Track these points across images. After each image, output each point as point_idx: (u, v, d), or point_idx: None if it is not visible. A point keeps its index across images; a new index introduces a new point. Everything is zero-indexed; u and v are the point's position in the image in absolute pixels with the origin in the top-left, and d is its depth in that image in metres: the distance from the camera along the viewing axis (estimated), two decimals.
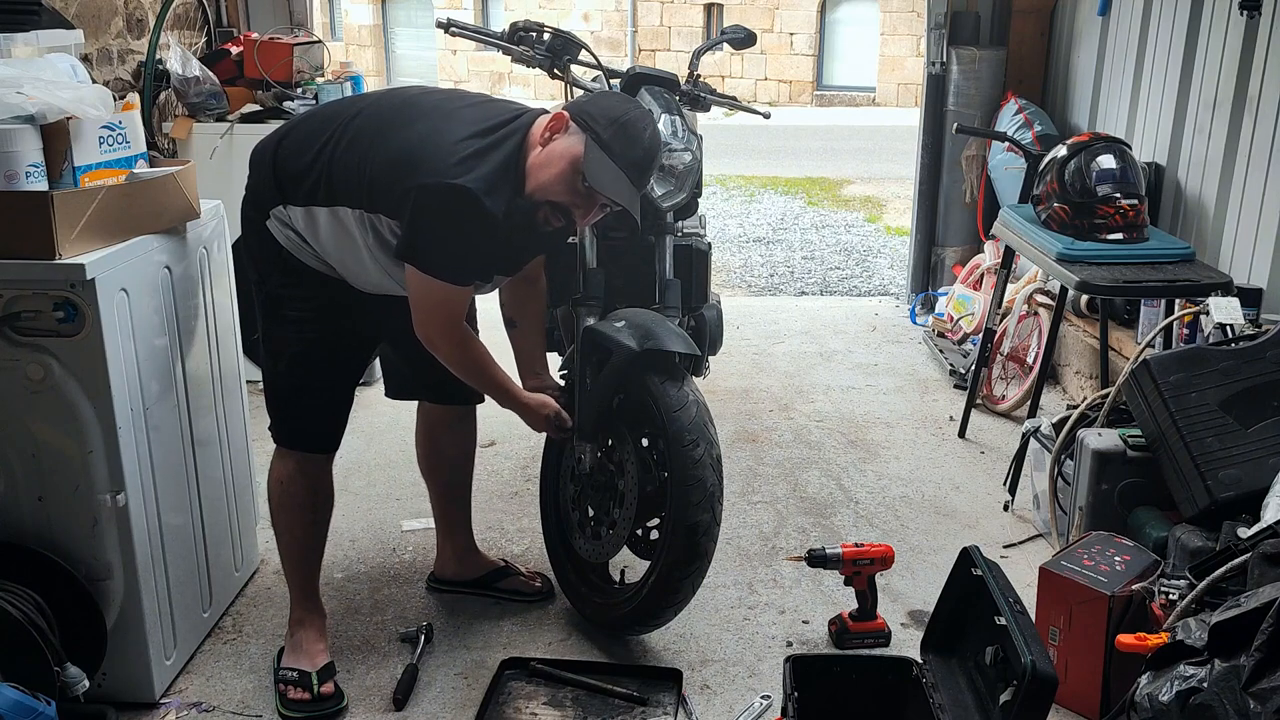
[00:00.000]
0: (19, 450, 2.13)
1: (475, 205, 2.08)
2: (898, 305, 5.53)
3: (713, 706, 2.36)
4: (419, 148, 2.13)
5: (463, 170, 2.09)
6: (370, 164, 2.15)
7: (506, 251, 2.31)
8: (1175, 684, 1.74)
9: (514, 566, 2.81)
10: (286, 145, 2.27)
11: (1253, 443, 2.37)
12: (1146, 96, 3.93)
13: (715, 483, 2.32)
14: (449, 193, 2.07)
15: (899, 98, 14.77)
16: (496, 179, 2.12)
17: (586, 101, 2.27)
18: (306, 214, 2.22)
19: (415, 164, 2.11)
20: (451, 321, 2.26)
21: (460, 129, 2.16)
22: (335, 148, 2.20)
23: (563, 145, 2.17)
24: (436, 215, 2.10)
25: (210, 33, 4.61)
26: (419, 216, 2.10)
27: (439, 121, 2.18)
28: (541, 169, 2.17)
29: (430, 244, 2.13)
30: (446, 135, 2.14)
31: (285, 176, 2.23)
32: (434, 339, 2.26)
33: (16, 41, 2.59)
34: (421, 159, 2.11)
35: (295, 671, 2.36)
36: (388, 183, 2.12)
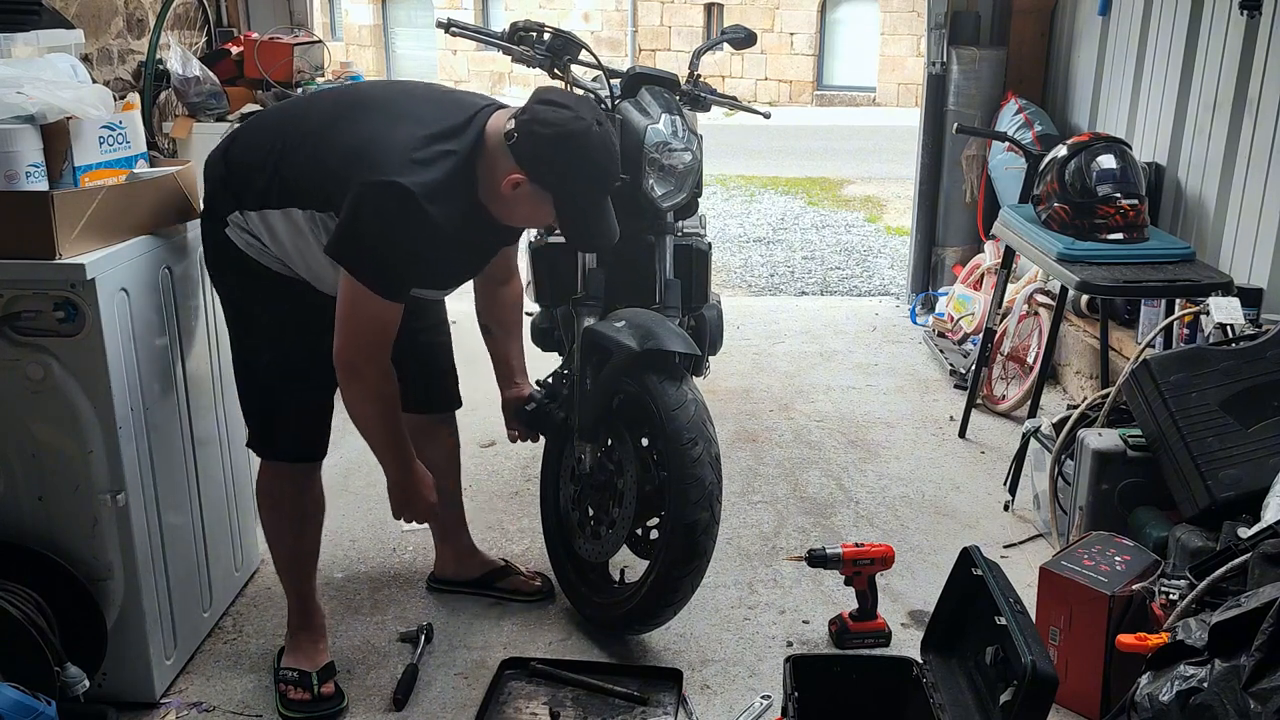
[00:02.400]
0: (19, 450, 2.13)
1: (418, 210, 2.00)
2: (898, 305, 5.53)
3: (713, 706, 2.36)
4: (367, 145, 2.05)
5: (410, 172, 2.01)
6: (319, 162, 2.09)
7: (459, 257, 2.24)
8: (1175, 684, 1.74)
9: (514, 566, 2.81)
10: (236, 149, 2.21)
11: (1253, 443, 2.37)
12: (1146, 96, 3.93)
13: (714, 481, 2.32)
14: (391, 191, 1.99)
15: (899, 98, 14.77)
16: (444, 187, 2.04)
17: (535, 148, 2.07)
18: (261, 218, 2.14)
19: (361, 161, 2.03)
20: (380, 345, 2.11)
21: (411, 129, 2.08)
22: (285, 147, 2.13)
23: (528, 204, 2.12)
24: (376, 214, 2.01)
25: (210, 33, 4.61)
26: (357, 212, 2.01)
27: (390, 120, 2.11)
28: (508, 210, 2.15)
29: (365, 244, 2.03)
30: (396, 135, 2.07)
31: (237, 180, 2.17)
32: (358, 364, 2.10)
33: (16, 41, 2.59)
34: (368, 156, 2.03)
35: (295, 671, 2.36)
36: (336, 180, 2.04)
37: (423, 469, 2.30)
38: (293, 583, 2.44)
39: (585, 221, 2.18)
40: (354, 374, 2.11)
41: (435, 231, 2.03)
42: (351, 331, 2.08)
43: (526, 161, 2.07)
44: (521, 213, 2.17)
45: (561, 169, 2.09)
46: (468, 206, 2.12)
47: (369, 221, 2.01)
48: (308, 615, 2.45)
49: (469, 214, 2.13)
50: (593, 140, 2.10)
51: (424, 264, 2.12)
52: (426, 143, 2.06)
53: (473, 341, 2.74)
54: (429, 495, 2.30)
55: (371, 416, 2.17)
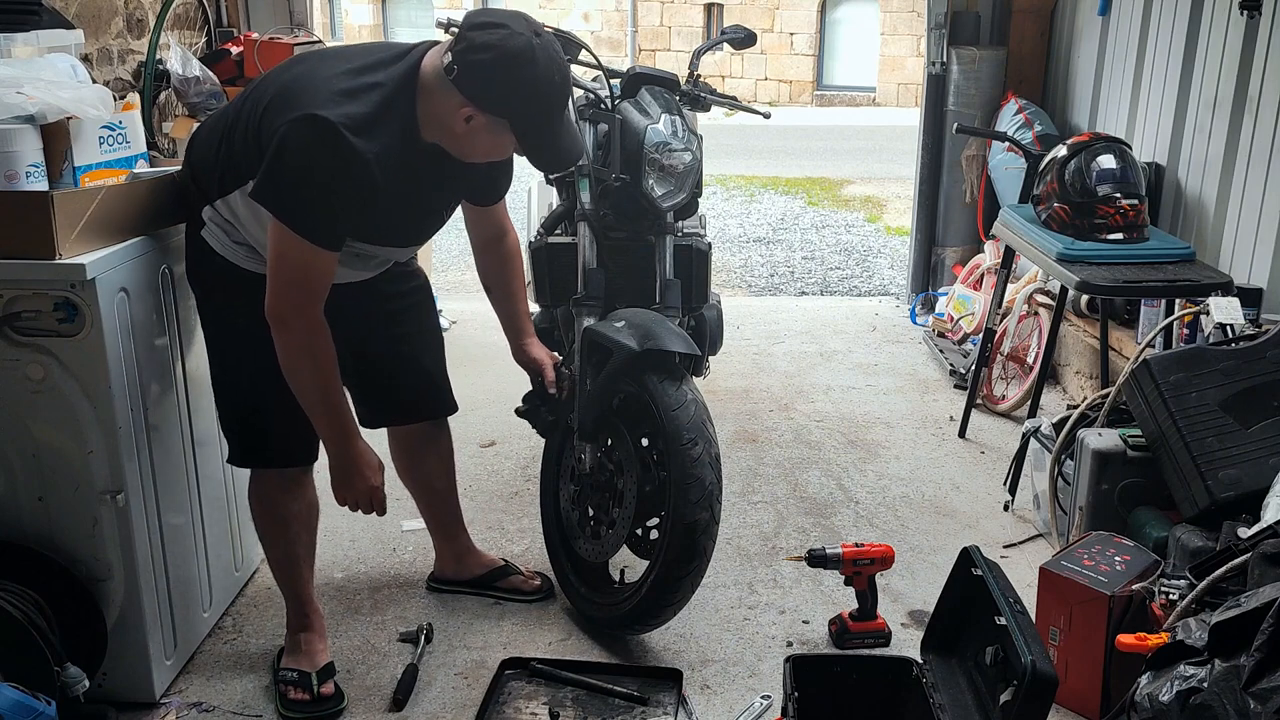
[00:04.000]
0: (19, 450, 2.13)
1: (343, 144, 1.89)
2: (898, 305, 5.53)
3: (713, 706, 2.36)
4: (290, 88, 1.99)
5: (332, 105, 1.91)
6: (254, 123, 2.02)
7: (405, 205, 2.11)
8: (1175, 684, 1.74)
9: (514, 566, 2.81)
10: (193, 150, 2.20)
11: (1253, 443, 2.37)
12: (1146, 96, 3.93)
13: (714, 481, 2.32)
14: (311, 126, 1.89)
15: (899, 98, 14.78)
16: (371, 118, 1.94)
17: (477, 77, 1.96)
18: (225, 205, 2.10)
19: (285, 103, 1.95)
20: (308, 294, 2.00)
21: (335, 66, 2.01)
22: (234, 126, 2.08)
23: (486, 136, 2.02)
24: (298, 151, 1.90)
25: (210, 33, 4.61)
26: (279, 151, 1.91)
27: (313, 64, 2.06)
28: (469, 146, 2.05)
29: (287, 184, 1.93)
30: (319, 73, 2.00)
31: (200, 178, 2.15)
32: (285, 315, 2.00)
33: (16, 41, 2.59)
34: (291, 97, 1.96)
35: (295, 672, 2.36)
36: (267, 132, 1.96)
37: (366, 447, 2.18)
38: (290, 587, 2.44)
39: (546, 142, 2.07)
40: (281, 325, 2.02)
41: (365, 168, 1.93)
42: (278, 280, 1.99)
43: (472, 92, 1.96)
44: (482, 146, 2.06)
45: (509, 92, 1.97)
46: (405, 145, 2.01)
47: (291, 159, 1.91)
48: (306, 616, 2.45)
49: (408, 154, 2.02)
50: (535, 55, 1.97)
51: (356, 205, 1.99)
52: (351, 76, 1.98)
53: (472, 342, 2.74)
54: (371, 477, 2.18)
55: (302, 373, 2.06)
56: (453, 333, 4.72)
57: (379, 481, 2.21)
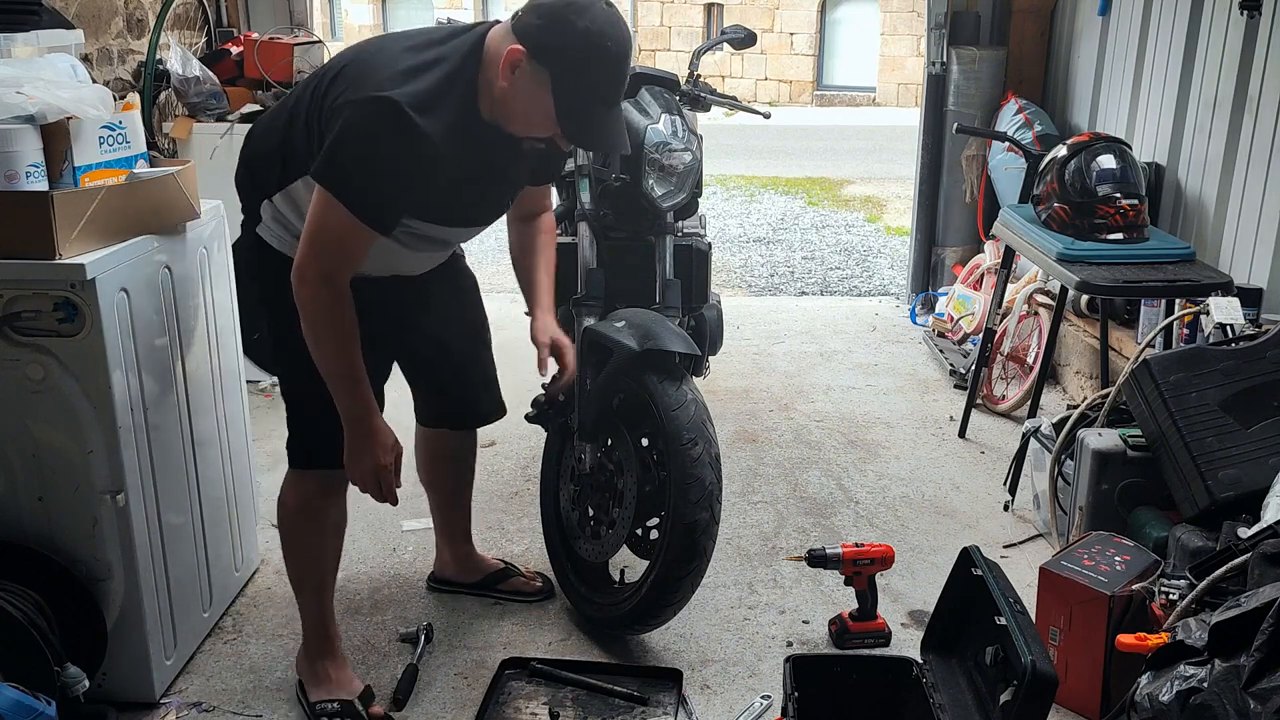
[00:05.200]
0: (19, 450, 2.13)
1: (408, 124, 1.85)
2: (898, 305, 5.53)
3: (713, 706, 2.36)
4: (352, 68, 1.96)
5: (392, 84, 1.87)
6: (319, 105, 1.98)
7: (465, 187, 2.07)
8: (1175, 684, 1.74)
9: (514, 567, 2.80)
10: (253, 138, 2.19)
11: (1253, 443, 2.37)
12: (1146, 96, 3.93)
13: (714, 481, 2.32)
14: (374, 106, 1.85)
15: (899, 98, 14.77)
16: (434, 96, 1.89)
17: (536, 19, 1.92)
18: (285, 198, 2.07)
19: (347, 85, 1.93)
20: (341, 264, 1.96)
21: (398, 43, 1.98)
22: (294, 115, 2.06)
23: (526, 91, 1.93)
24: (361, 132, 1.86)
25: (210, 33, 4.61)
26: (342, 133, 1.88)
27: (377, 45, 2.03)
28: (508, 108, 1.96)
29: (346, 163, 1.89)
30: (382, 52, 1.97)
31: (259, 173, 2.12)
32: (310, 277, 1.95)
33: (16, 41, 2.59)
34: (355, 78, 1.93)
35: (335, 703, 2.26)
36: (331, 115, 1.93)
37: (384, 425, 2.11)
38: (313, 605, 2.33)
39: (583, 110, 1.96)
40: (302, 282, 1.96)
41: (427, 147, 1.88)
42: (314, 244, 1.94)
43: (524, 33, 1.91)
44: (520, 109, 1.95)
45: (560, 40, 1.89)
46: (469, 123, 1.96)
47: (354, 140, 1.88)
48: (329, 640, 2.36)
49: (471, 133, 1.97)
50: (596, 13, 1.89)
51: (417, 185, 1.95)
52: (413, 53, 1.94)
53: None
54: (382, 455, 2.10)
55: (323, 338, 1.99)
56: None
57: (388, 461, 2.11)
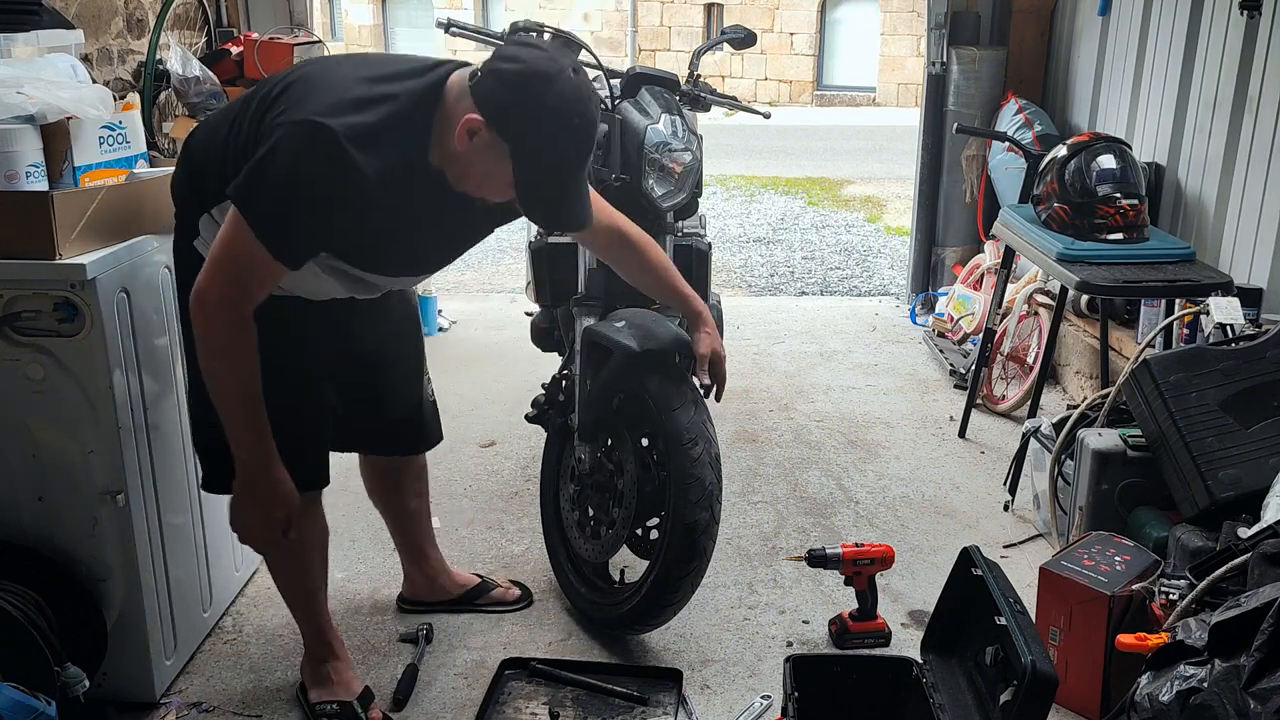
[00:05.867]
0: (19, 450, 2.13)
1: (336, 153, 1.72)
2: (898, 305, 5.53)
3: (713, 706, 2.36)
4: (298, 87, 1.83)
5: (334, 112, 1.74)
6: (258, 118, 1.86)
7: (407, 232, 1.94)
8: (1175, 684, 1.74)
9: (490, 580, 2.75)
10: (193, 144, 2.03)
11: (1253, 443, 2.37)
12: (1146, 96, 3.93)
13: (714, 481, 2.32)
14: (308, 131, 1.72)
15: (899, 98, 14.78)
16: (377, 133, 1.76)
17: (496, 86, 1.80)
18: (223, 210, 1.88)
19: (290, 103, 1.80)
20: (243, 295, 1.80)
21: (348, 71, 1.85)
22: (236, 123, 1.91)
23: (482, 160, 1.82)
24: (286, 156, 1.73)
25: (210, 33, 4.61)
26: (267, 154, 1.75)
27: (331, 66, 1.89)
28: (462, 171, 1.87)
29: (264, 187, 1.75)
30: (332, 76, 1.84)
31: (198, 174, 1.97)
32: (210, 302, 1.80)
33: (16, 41, 2.59)
34: (298, 98, 1.80)
35: (334, 704, 2.25)
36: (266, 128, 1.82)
37: (283, 475, 1.92)
38: (307, 616, 2.32)
39: (545, 187, 1.84)
40: (200, 307, 1.82)
41: (359, 185, 1.75)
42: (219, 270, 1.80)
43: (485, 102, 1.78)
44: (475, 173, 1.85)
45: (523, 113, 1.77)
46: (412, 168, 1.84)
47: (280, 162, 1.74)
48: (328, 644, 2.33)
49: (414, 179, 1.85)
50: (563, 84, 1.78)
51: (341, 225, 1.82)
52: (366, 84, 1.81)
53: (472, 342, 2.74)
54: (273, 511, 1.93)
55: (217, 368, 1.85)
56: (453, 333, 4.72)
57: (279, 516, 1.94)
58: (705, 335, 2.33)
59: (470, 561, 2.92)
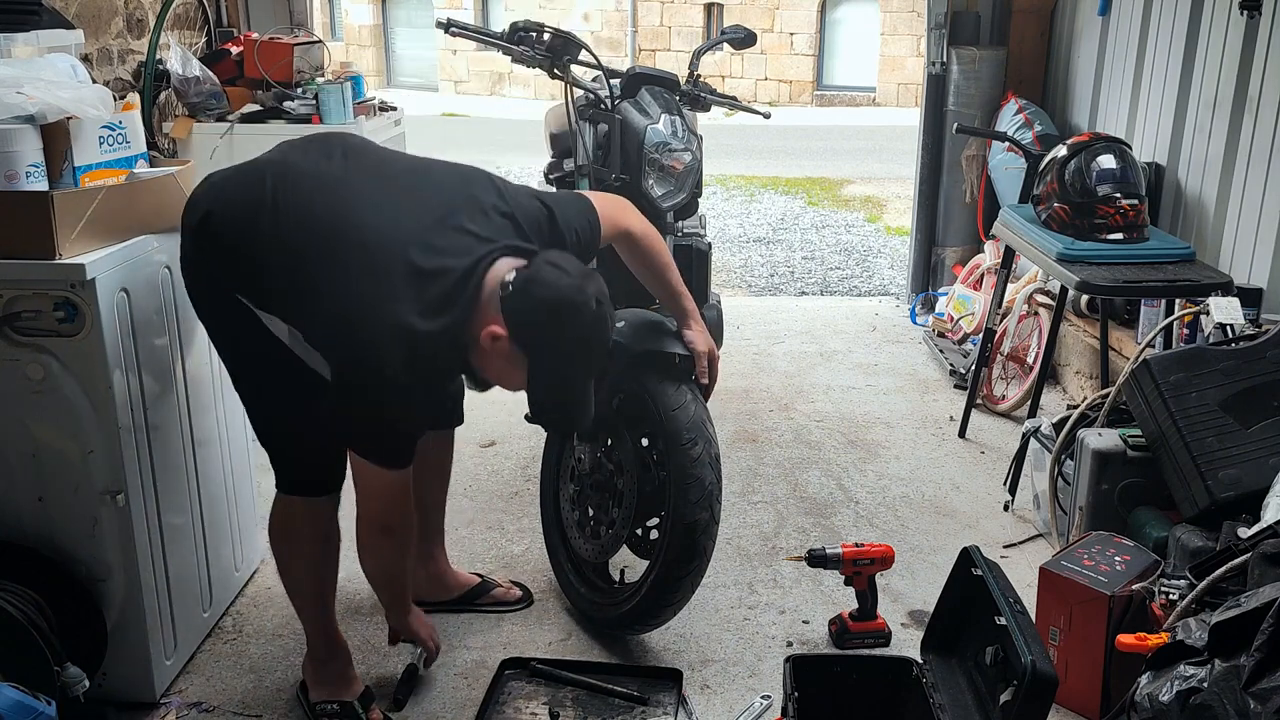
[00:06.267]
0: (19, 450, 2.13)
1: (417, 391, 1.96)
2: (898, 305, 5.53)
3: (713, 706, 2.36)
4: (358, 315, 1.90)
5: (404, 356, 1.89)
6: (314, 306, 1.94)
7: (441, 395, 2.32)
8: (1175, 684, 1.74)
9: (491, 580, 2.76)
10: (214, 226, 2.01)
11: (1253, 443, 2.37)
12: (1146, 96, 3.93)
13: (714, 481, 2.32)
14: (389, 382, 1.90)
15: (899, 98, 14.77)
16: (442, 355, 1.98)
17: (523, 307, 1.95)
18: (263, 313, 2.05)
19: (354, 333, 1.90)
20: (406, 500, 2.10)
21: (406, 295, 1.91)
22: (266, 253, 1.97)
23: (500, 362, 2.00)
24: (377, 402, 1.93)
25: (210, 33, 4.61)
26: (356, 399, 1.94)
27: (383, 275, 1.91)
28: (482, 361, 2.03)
29: (370, 432, 1.99)
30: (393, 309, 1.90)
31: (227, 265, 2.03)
32: (395, 525, 2.10)
33: (16, 41, 2.59)
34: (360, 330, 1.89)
35: (335, 704, 2.26)
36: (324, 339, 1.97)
37: (419, 614, 2.36)
38: (314, 617, 2.33)
39: (554, 399, 2.04)
40: (387, 531, 2.10)
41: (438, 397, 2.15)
42: (376, 497, 2.06)
43: (511, 318, 1.95)
44: (493, 368, 2.04)
45: (543, 336, 1.96)
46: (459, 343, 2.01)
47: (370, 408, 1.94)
48: (331, 646, 2.34)
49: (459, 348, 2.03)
50: (585, 316, 1.96)
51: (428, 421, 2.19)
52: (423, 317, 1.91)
53: None
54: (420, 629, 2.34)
55: (397, 564, 2.18)
56: None
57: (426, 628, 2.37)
58: (701, 333, 2.39)
59: (470, 561, 2.92)
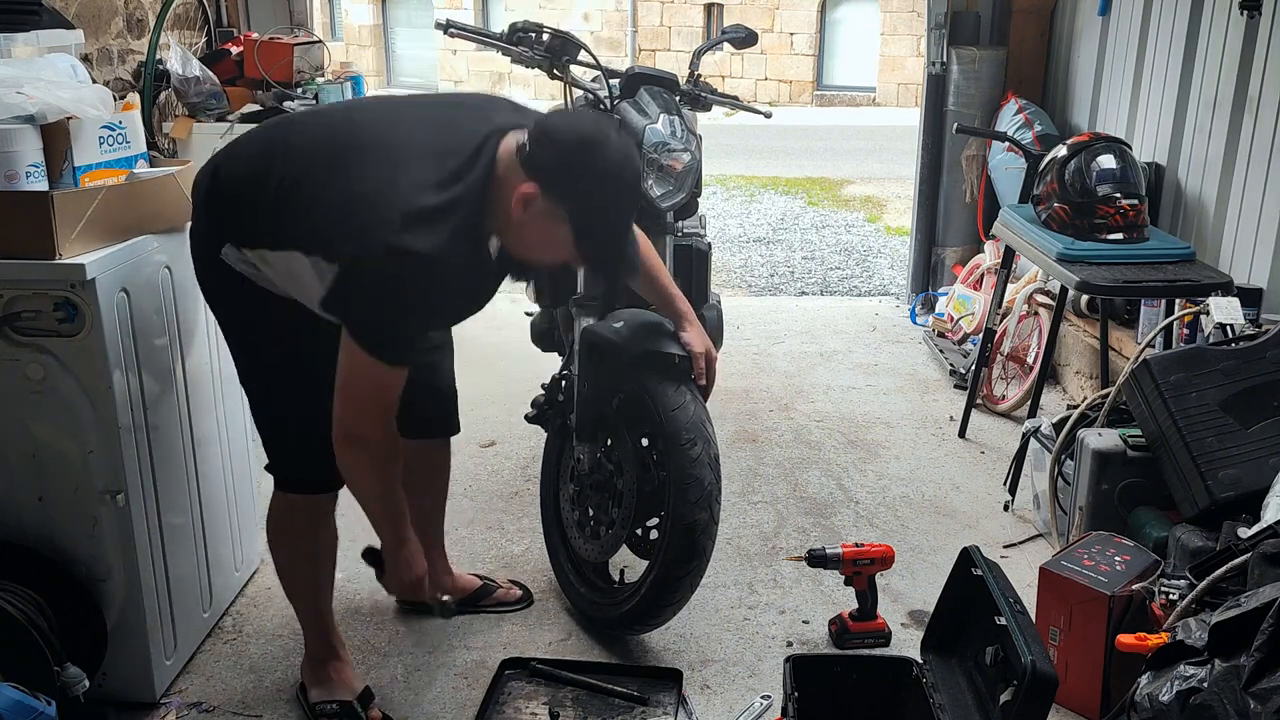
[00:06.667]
0: (19, 450, 2.13)
1: (429, 272, 1.82)
2: (898, 305, 5.53)
3: (713, 706, 2.36)
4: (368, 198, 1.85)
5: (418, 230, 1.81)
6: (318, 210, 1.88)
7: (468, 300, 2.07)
8: (1175, 684, 1.74)
9: (491, 582, 2.75)
10: (223, 182, 2.01)
11: (1253, 443, 2.37)
12: (1146, 96, 3.93)
13: (713, 481, 2.32)
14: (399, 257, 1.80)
15: (899, 98, 14.77)
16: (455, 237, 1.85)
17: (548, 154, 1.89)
18: (257, 255, 1.98)
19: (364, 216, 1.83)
20: (385, 409, 1.93)
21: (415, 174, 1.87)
22: (278, 187, 1.93)
23: (540, 226, 1.91)
24: (382, 280, 1.82)
25: (210, 33, 4.61)
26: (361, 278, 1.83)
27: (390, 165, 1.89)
28: (520, 239, 1.96)
29: (369, 311, 1.85)
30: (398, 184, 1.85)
31: (229, 215, 2.00)
32: (362, 431, 1.92)
33: (16, 41, 2.59)
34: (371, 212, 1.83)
35: (334, 704, 2.25)
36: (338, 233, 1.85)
37: (414, 537, 2.12)
38: (312, 616, 2.33)
39: (603, 242, 1.97)
40: (358, 443, 1.94)
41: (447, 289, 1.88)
42: (357, 400, 1.91)
43: (538, 171, 1.87)
44: (533, 239, 1.95)
45: (577, 176, 1.88)
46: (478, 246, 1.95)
47: (374, 289, 1.83)
48: (330, 645, 2.34)
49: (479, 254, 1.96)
50: (611, 145, 1.90)
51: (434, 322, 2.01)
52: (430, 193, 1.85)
53: (472, 342, 2.73)
54: (418, 566, 2.12)
55: (373, 484, 2.00)
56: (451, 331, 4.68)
57: (424, 567, 2.14)
58: (697, 334, 2.38)
59: (470, 562, 2.92)
